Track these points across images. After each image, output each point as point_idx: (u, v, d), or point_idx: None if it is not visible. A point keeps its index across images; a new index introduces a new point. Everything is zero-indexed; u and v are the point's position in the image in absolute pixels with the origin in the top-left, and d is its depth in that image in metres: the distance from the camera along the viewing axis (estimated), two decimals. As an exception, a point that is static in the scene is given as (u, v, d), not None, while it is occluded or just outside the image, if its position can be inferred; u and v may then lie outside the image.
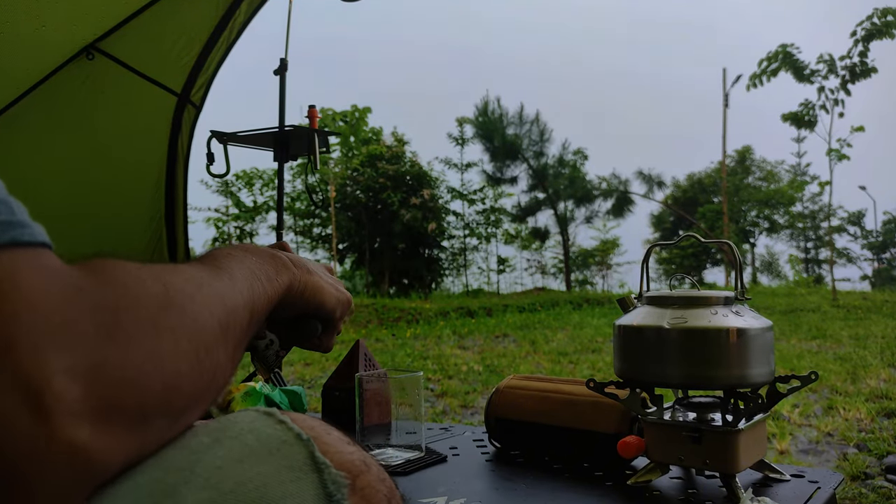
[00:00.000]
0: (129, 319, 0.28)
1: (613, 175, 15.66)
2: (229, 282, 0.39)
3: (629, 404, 0.91)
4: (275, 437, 0.36)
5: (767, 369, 0.87)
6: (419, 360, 5.18)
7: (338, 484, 0.36)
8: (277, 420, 0.38)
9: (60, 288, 0.26)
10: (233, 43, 1.94)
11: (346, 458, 0.38)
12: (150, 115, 1.96)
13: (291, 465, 0.35)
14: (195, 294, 0.35)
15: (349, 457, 0.39)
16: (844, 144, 8.44)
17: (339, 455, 0.38)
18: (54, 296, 0.25)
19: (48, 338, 0.24)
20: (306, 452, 0.36)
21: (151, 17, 1.79)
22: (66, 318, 0.25)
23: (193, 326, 0.33)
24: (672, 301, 0.89)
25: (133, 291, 0.30)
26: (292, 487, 0.34)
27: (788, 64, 8.73)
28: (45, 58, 1.70)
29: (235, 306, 0.38)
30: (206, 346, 0.34)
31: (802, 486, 0.88)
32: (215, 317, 0.36)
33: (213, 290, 0.37)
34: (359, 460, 0.39)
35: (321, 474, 0.36)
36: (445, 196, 13.74)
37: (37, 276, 0.25)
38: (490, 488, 0.94)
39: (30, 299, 0.24)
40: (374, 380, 1.03)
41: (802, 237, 18.77)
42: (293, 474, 0.35)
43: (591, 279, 16.80)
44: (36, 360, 0.23)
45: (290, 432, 0.37)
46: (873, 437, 2.60)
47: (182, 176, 2.03)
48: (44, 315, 0.24)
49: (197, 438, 0.35)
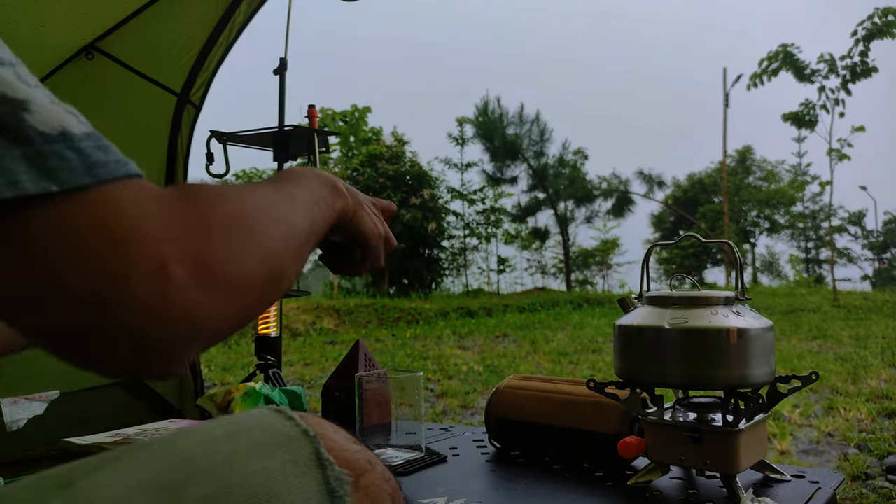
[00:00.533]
0: (212, 223, 0.36)
1: (614, 175, 15.66)
2: (291, 202, 0.45)
3: (629, 404, 0.91)
4: (283, 431, 0.39)
5: (768, 369, 0.87)
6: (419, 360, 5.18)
7: (341, 481, 0.37)
8: (287, 416, 0.40)
9: (160, 205, 0.34)
10: (232, 42, 1.94)
11: (350, 456, 0.40)
12: (150, 115, 1.96)
13: (296, 461, 0.37)
14: (266, 207, 0.41)
15: (354, 455, 0.41)
16: (845, 144, 8.44)
17: (345, 453, 0.40)
18: (157, 210, 0.33)
19: (159, 237, 0.32)
20: (312, 448, 0.38)
21: (151, 16, 1.79)
22: (167, 224, 0.33)
23: (264, 231, 0.39)
24: (672, 301, 0.89)
25: (211, 204, 0.37)
26: (296, 482, 0.36)
27: (789, 63, 8.73)
28: (45, 58, 1.69)
29: (297, 223, 0.44)
30: (272, 249, 0.39)
31: (803, 486, 0.88)
32: (280, 229, 0.41)
33: (280, 207, 0.43)
34: (363, 459, 0.41)
35: (325, 471, 0.37)
36: (445, 196, 13.73)
37: (145, 196, 0.33)
38: (490, 488, 0.93)
39: (144, 212, 0.32)
40: (374, 380, 1.02)
41: (803, 237, 18.77)
42: (298, 469, 0.37)
43: (592, 279, 16.80)
44: (154, 251, 0.32)
45: (297, 428, 0.39)
46: (874, 437, 2.60)
47: (182, 176, 2.02)
48: (154, 223, 0.33)
49: (212, 432, 0.39)
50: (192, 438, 0.38)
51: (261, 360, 1.74)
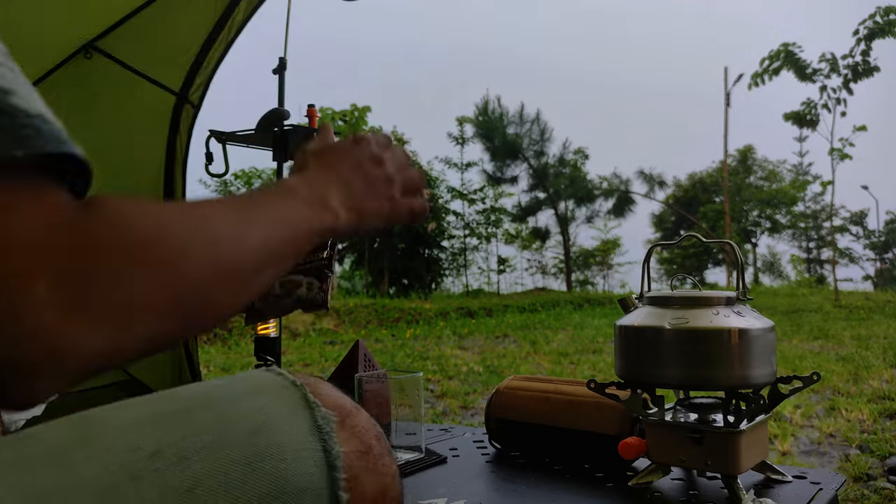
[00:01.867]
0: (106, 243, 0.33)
1: (614, 174, 15.65)
2: (242, 224, 0.42)
3: (630, 405, 0.91)
4: (275, 382, 0.45)
5: (769, 370, 0.87)
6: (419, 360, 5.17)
7: (327, 419, 0.43)
8: (276, 372, 0.46)
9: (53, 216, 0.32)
10: (231, 41, 1.93)
11: (337, 401, 0.45)
12: (149, 115, 1.95)
13: (288, 403, 0.43)
14: (197, 229, 0.38)
15: (340, 400, 0.46)
16: (847, 144, 8.43)
17: (332, 398, 0.45)
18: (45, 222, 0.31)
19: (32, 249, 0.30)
20: (300, 394, 0.44)
21: (150, 15, 1.78)
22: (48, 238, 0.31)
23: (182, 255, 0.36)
24: (673, 301, 0.89)
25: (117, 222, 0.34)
26: (290, 420, 0.42)
27: (790, 63, 8.71)
28: (43, 57, 1.69)
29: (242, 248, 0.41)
30: (189, 275, 0.37)
31: (804, 487, 0.87)
32: (210, 253, 0.38)
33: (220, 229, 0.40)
34: (350, 405, 0.46)
35: (312, 411, 0.43)
36: (445, 196, 13.73)
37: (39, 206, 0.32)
38: (490, 489, 0.93)
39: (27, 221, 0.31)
40: (373, 380, 1.02)
41: (804, 237, 18.77)
42: (290, 410, 0.42)
43: (592, 279, 16.81)
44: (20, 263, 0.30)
45: (286, 379, 0.45)
46: (876, 438, 2.59)
47: (180, 175, 2.02)
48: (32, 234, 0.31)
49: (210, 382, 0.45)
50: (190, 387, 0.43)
51: (260, 361, 1.73)
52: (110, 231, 0.33)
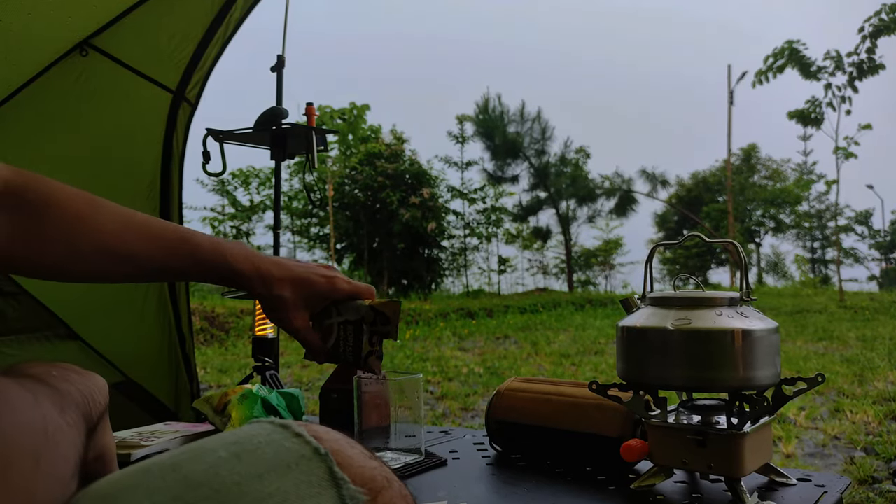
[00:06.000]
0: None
1: (616, 174, 15.64)
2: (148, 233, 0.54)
3: (632, 407, 0.90)
4: (293, 451, 0.37)
5: (773, 371, 0.86)
6: (419, 361, 5.17)
7: (356, 500, 0.36)
8: (294, 433, 0.38)
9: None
10: (229, 39, 1.92)
11: (367, 473, 0.38)
12: (145, 113, 1.93)
13: (310, 481, 0.36)
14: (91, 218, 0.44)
15: (371, 472, 0.39)
16: (852, 142, 8.42)
17: (361, 470, 0.38)
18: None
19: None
20: (325, 467, 0.37)
21: (146, 12, 1.77)
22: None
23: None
24: (676, 302, 0.88)
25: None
26: (311, 503, 0.35)
27: (795, 60, 8.69)
28: (38, 54, 1.68)
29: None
30: None
31: (809, 490, 0.87)
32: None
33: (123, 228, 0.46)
34: (381, 476, 0.39)
35: (340, 489, 0.36)
36: (445, 195, 13.70)
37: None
38: (491, 492, 0.93)
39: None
40: (372, 382, 1.01)
41: (809, 237, 18.75)
42: (312, 490, 0.35)
43: (594, 280, 16.79)
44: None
45: (307, 446, 0.37)
46: (881, 440, 2.57)
47: (177, 174, 2.00)
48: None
49: (215, 454, 0.36)
50: (195, 463, 0.36)
51: (258, 362, 1.72)
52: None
